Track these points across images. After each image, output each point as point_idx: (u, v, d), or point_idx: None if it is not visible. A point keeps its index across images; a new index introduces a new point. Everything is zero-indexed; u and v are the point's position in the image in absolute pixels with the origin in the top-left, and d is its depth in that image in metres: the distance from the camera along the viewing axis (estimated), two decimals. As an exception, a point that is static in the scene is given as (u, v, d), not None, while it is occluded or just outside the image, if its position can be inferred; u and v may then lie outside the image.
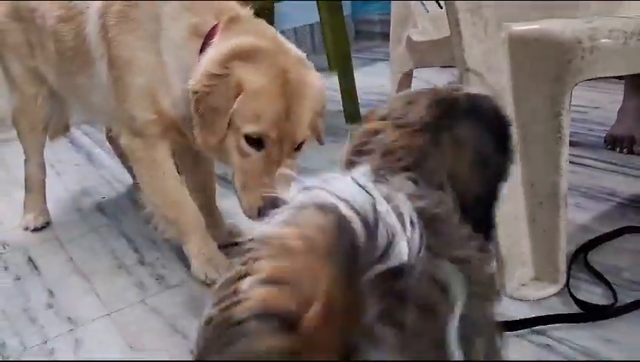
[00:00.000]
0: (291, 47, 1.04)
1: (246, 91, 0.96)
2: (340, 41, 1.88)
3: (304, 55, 1.04)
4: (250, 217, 0.99)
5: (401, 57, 1.27)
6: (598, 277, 0.99)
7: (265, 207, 0.92)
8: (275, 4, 2.73)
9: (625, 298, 0.94)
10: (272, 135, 0.95)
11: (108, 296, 1.15)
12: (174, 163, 1.17)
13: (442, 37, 1.11)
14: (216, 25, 1.03)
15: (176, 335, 1.01)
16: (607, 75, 0.86)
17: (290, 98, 0.96)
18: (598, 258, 1.06)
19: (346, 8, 3.86)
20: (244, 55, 0.97)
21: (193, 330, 0.44)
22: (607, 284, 0.97)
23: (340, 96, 1.98)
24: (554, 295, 0.97)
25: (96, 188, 1.72)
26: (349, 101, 1.96)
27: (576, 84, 0.87)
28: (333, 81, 2.00)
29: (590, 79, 0.91)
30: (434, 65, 1.38)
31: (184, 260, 1.20)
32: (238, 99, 0.96)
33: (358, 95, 1.98)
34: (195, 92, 0.97)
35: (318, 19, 2.44)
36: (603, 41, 0.84)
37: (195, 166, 1.27)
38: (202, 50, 1.02)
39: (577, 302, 0.93)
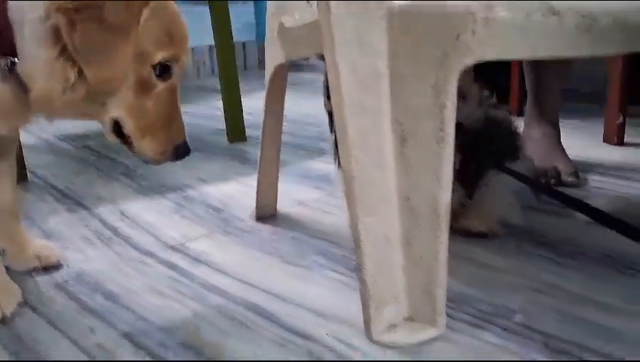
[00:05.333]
0: None
1: (152, 4, 0.71)
2: (226, 63, 1.88)
3: None
4: (159, 162, 0.80)
5: (273, 49, 1.06)
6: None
7: (179, 150, 0.79)
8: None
9: (521, 349, 0.75)
10: (183, 58, 0.77)
11: None
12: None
13: (315, 19, 0.90)
14: None
15: None
16: (503, 58, 0.68)
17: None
18: (483, 296, 0.87)
19: (251, 34, 3.71)
20: None
21: None
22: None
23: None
24: (431, 340, 0.76)
25: None
26: (232, 121, 1.91)
27: (466, 69, 0.68)
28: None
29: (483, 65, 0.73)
30: (307, 55, 1.18)
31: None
32: (143, 14, 0.71)
33: (252, 117, 1.93)
34: (69, 10, 0.66)
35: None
36: (502, 13, 0.66)
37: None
38: None
39: None
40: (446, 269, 0.75)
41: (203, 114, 2.37)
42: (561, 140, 1.41)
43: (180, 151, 0.79)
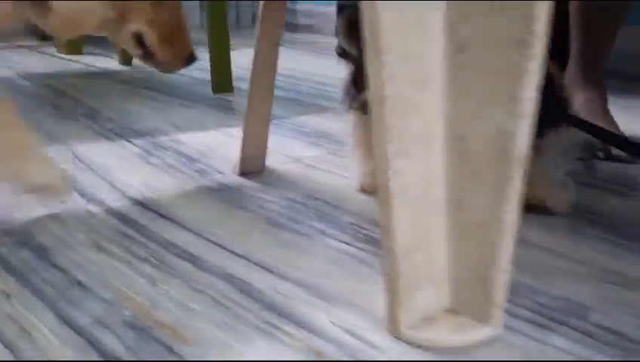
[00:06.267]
0: None
1: None
2: (218, 16, 1.73)
3: None
4: (177, 68, 0.87)
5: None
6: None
7: (192, 55, 0.86)
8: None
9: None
10: None
11: None
12: None
13: None
14: None
15: None
16: None
17: None
18: (539, 285, 0.64)
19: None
20: None
21: None
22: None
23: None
24: (482, 342, 0.54)
25: None
26: (219, 70, 1.71)
27: None
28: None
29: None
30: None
31: None
32: None
33: (243, 71, 1.69)
34: None
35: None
36: None
37: None
38: None
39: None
40: (512, 245, 0.52)
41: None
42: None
43: (192, 57, 0.86)
